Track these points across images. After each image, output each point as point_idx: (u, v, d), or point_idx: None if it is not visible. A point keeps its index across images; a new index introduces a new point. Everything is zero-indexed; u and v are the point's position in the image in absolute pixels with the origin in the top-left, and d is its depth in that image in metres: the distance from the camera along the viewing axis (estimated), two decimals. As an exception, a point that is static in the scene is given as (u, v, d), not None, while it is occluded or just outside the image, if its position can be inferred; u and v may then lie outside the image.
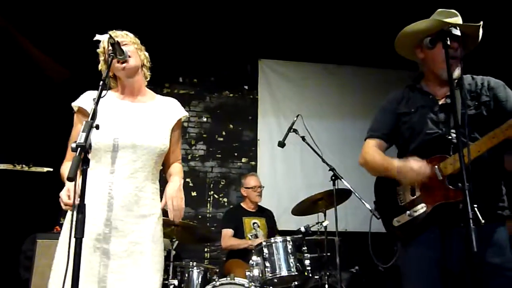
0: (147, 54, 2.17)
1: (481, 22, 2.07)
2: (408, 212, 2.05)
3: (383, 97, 2.40)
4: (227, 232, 4.34)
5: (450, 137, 1.98)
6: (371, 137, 2.30)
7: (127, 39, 2.07)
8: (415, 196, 2.05)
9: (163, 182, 2.06)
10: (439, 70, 2.07)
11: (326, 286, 3.70)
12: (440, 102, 2.10)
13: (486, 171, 1.95)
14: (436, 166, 1.97)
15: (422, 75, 2.25)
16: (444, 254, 1.93)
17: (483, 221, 1.57)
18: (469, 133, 1.86)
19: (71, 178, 1.41)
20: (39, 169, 3.74)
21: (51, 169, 3.73)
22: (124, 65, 1.98)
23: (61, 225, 4.81)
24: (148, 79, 2.19)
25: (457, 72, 2.02)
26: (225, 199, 5.72)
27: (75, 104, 2.04)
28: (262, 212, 4.61)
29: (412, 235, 2.05)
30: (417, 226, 2.03)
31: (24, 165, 3.68)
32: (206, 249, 5.46)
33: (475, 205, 1.58)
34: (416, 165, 1.96)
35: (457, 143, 1.75)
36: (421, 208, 2.01)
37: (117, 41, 1.89)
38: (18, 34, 4.60)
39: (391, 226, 2.15)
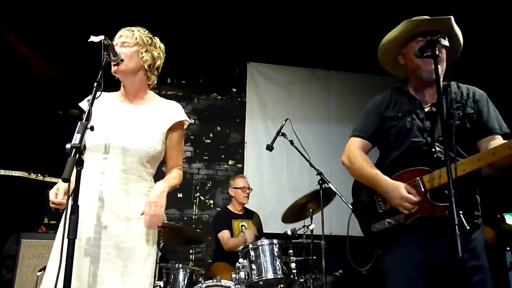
0: (155, 54, 2.09)
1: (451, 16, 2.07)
2: (388, 220, 2.06)
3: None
4: (225, 234, 4.30)
5: (434, 150, 1.99)
6: (358, 137, 2.26)
7: (130, 40, 2.02)
8: None
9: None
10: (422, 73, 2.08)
11: (311, 289, 3.73)
12: (426, 109, 2.11)
13: (466, 183, 1.95)
14: (419, 178, 1.98)
15: (407, 79, 2.26)
16: (428, 256, 1.94)
17: (468, 227, 1.61)
18: (451, 144, 1.84)
19: (66, 179, 1.41)
20: (54, 179, 3.64)
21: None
22: (116, 67, 1.97)
23: (45, 225, 4.78)
24: (151, 80, 2.14)
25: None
26: (211, 201, 5.72)
27: (82, 106, 2.05)
28: (249, 215, 4.63)
29: (392, 241, 2.07)
30: (396, 234, 2.05)
31: (39, 174, 3.59)
32: (191, 251, 5.45)
33: (461, 212, 1.60)
34: (405, 195, 1.95)
35: (444, 158, 1.76)
36: (401, 218, 2.01)
37: (111, 43, 1.87)
38: (5, 29, 4.55)
39: (369, 231, 2.16)
